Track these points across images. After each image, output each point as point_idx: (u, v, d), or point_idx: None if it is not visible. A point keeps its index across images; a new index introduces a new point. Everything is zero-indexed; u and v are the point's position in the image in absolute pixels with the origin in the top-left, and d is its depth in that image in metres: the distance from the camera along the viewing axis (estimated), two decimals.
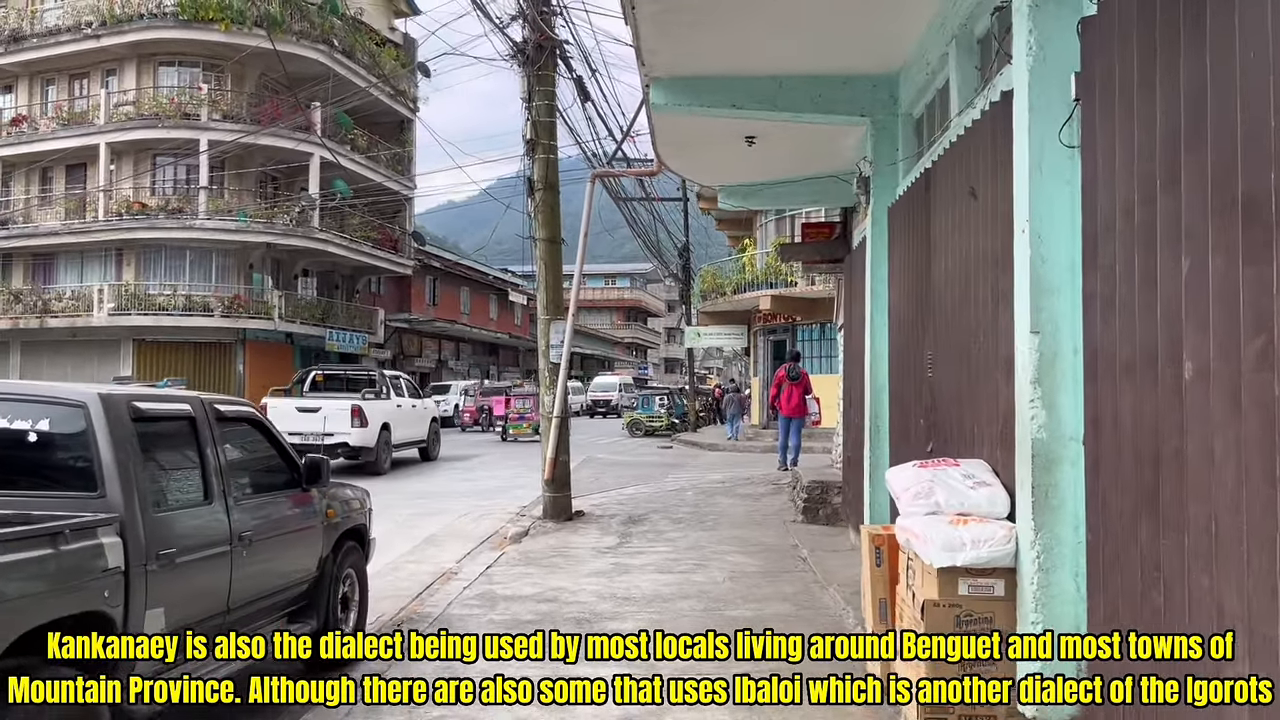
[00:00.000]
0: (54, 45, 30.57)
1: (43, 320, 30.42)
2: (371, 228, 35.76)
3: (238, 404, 5.19)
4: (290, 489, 5.36)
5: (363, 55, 33.81)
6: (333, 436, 16.88)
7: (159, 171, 31.21)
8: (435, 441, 22.02)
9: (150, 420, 4.23)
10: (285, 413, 17.59)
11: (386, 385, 19.95)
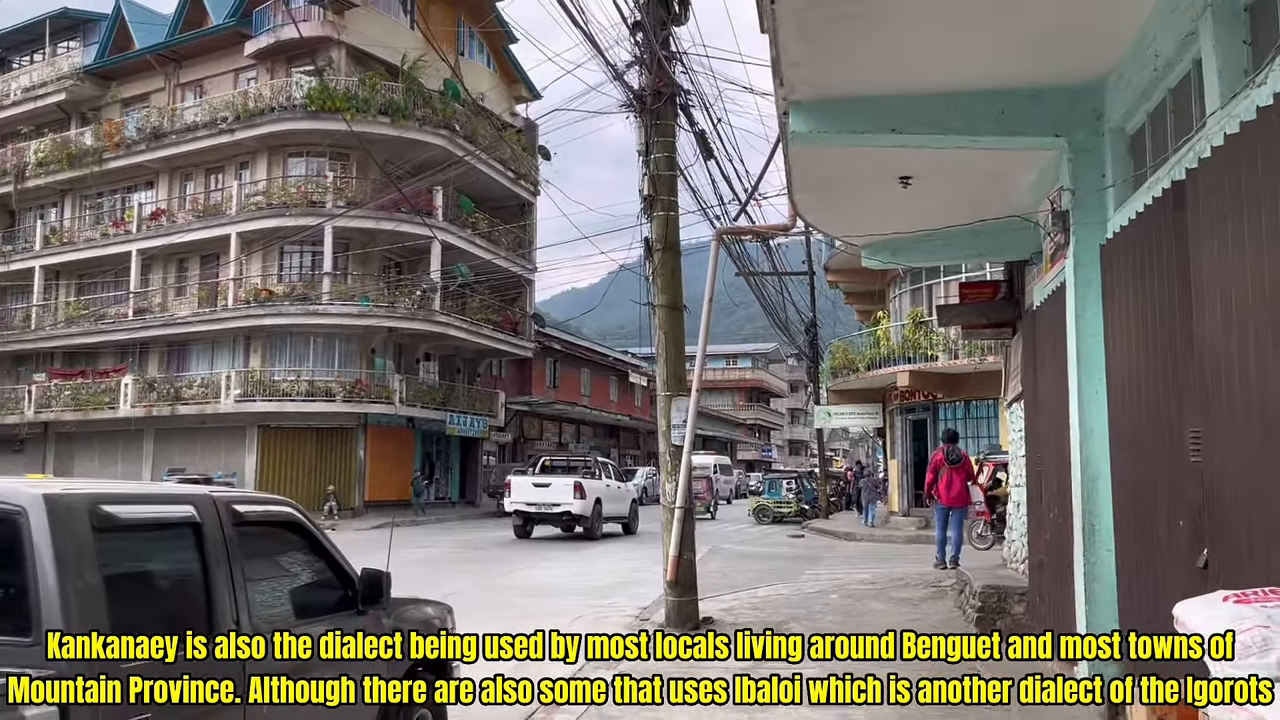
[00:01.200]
0: (191, 141, 31.61)
1: (174, 408, 30.87)
2: (492, 310, 35.52)
3: (268, 503, 4.01)
4: (340, 612, 4.13)
5: (484, 140, 33.95)
6: (559, 506, 22.09)
7: (286, 259, 31.67)
8: (634, 518, 25.46)
9: (125, 530, 3.08)
10: (523, 487, 22.84)
11: (598, 468, 24.54)
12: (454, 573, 15.55)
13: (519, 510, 22.59)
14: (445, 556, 18.52)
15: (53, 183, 34.81)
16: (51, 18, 36.08)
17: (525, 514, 22.53)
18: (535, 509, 22.27)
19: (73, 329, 33.43)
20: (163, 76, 34.01)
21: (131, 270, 32.56)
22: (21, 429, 34.43)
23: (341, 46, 30.90)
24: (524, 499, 22.50)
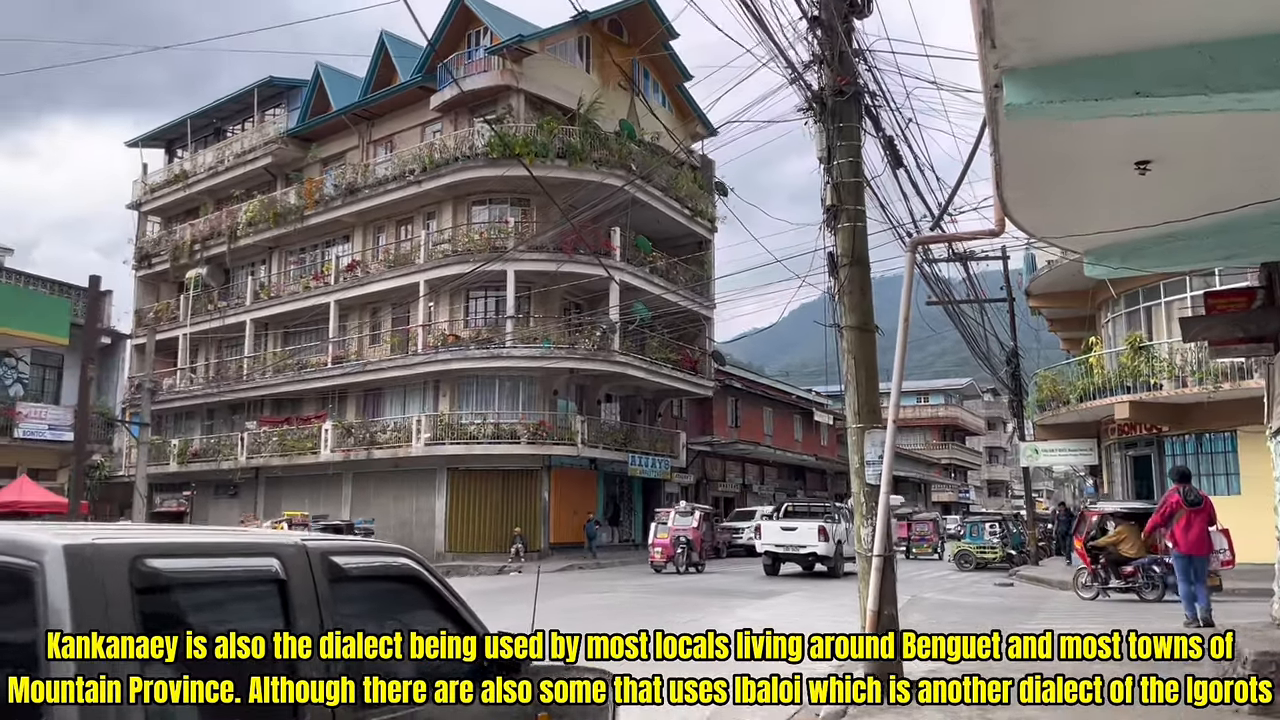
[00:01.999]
0: (382, 194, 32.90)
1: (369, 451, 31.86)
2: (671, 349, 35.06)
3: (380, 553, 3.33)
4: (467, 680, 3.40)
5: (660, 179, 33.76)
6: (805, 548, 24.35)
7: (471, 304, 32.31)
8: None
9: (180, 589, 2.43)
10: (773, 530, 25.33)
11: (837, 512, 25.82)
12: (633, 620, 14.82)
13: (769, 550, 25.16)
14: (626, 602, 17.85)
15: (261, 241, 37.06)
16: (259, 87, 38.65)
17: (774, 554, 25.08)
18: (783, 550, 24.82)
19: (279, 378, 35.22)
20: (356, 135, 35.72)
21: (330, 320, 34.06)
22: (236, 473, 36.44)
23: (520, 94, 31.49)
24: (773, 541, 25.14)
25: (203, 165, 40.18)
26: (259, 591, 2.70)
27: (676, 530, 26.09)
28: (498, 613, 16.30)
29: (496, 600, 18.14)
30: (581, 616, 15.21)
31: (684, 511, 26.94)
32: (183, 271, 39.52)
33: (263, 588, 2.71)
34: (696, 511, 26.98)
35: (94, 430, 28.97)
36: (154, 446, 38.97)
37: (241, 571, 2.67)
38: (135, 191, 43.26)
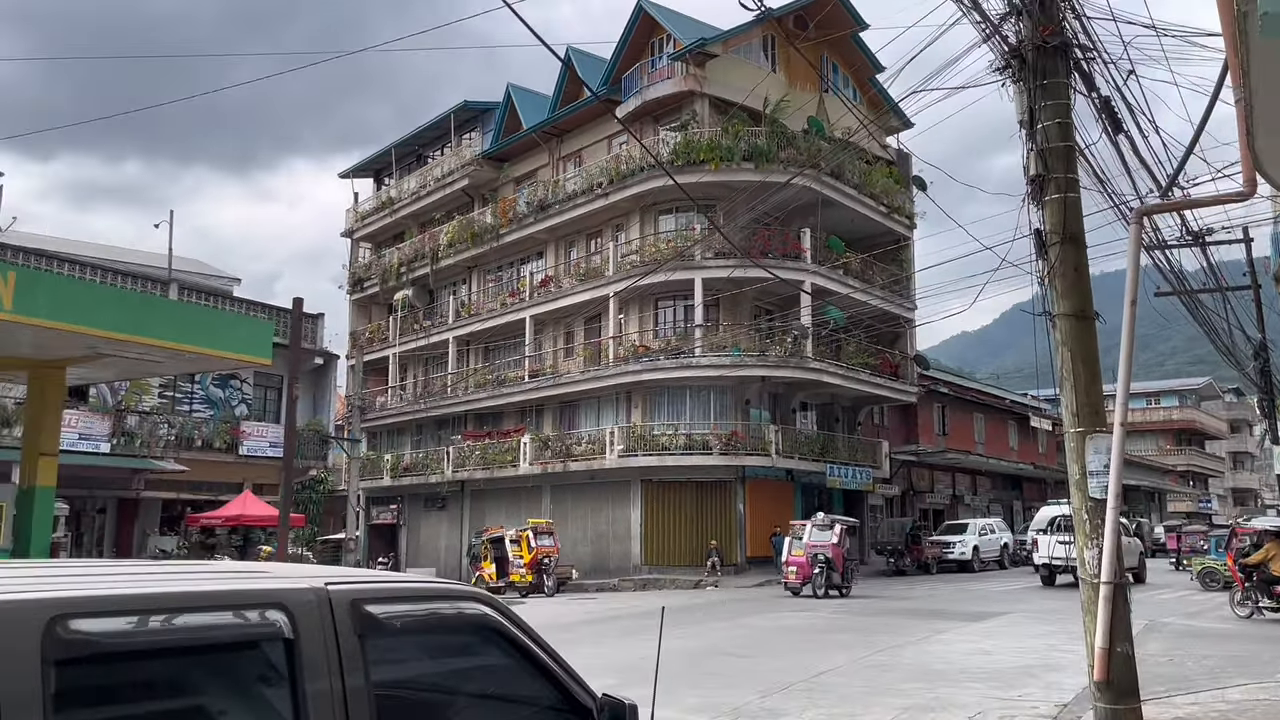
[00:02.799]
0: (572, 209, 33.15)
1: (565, 464, 32.05)
2: (869, 354, 33.48)
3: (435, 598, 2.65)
4: None
5: (852, 175, 32.36)
6: None
7: (660, 314, 32.00)
8: (1142, 568, 27.67)
9: (120, 660, 1.84)
10: (1048, 543, 25.80)
11: None
12: (828, 645, 13.79)
13: (1045, 564, 25.83)
14: (821, 624, 16.78)
15: (460, 260, 38.21)
16: (455, 112, 39.98)
17: (1050, 567, 25.64)
18: (1060, 562, 24.90)
19: (479, 393, 36.11)
20: (546, 152, 36.25)
21: (525, 335, 34.62)
22: (443, 486, 37.62)
23: (704, 98, 30.97)
24: (1049, 554, 25.57)
25: (406, 191, 41.96)
26: (253, 658, 2.09)
27: (814, 546, 23.17)
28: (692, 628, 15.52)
29: (695, 616, 17.50)
30: (780, 640, 14.33)
31: (822, 525, 23.93)
32: (391, 294, 41.36)
33: (260, 653, 2.09)
34: (836, 525, 23.92)
35: (309, 447, 30.59)
36: (369, 461, 41.00)
37: (227, 632, 2.06)
38: (348, 220, 45.74)
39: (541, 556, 26.73)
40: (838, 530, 23.47)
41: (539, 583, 26.42)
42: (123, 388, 25.97)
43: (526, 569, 26.53)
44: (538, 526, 27.97)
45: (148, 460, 25.14)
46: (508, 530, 28.53)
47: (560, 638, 13.33)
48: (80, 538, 25.98)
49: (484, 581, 26.88)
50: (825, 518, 24.36)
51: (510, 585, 26.37)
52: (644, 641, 14.34)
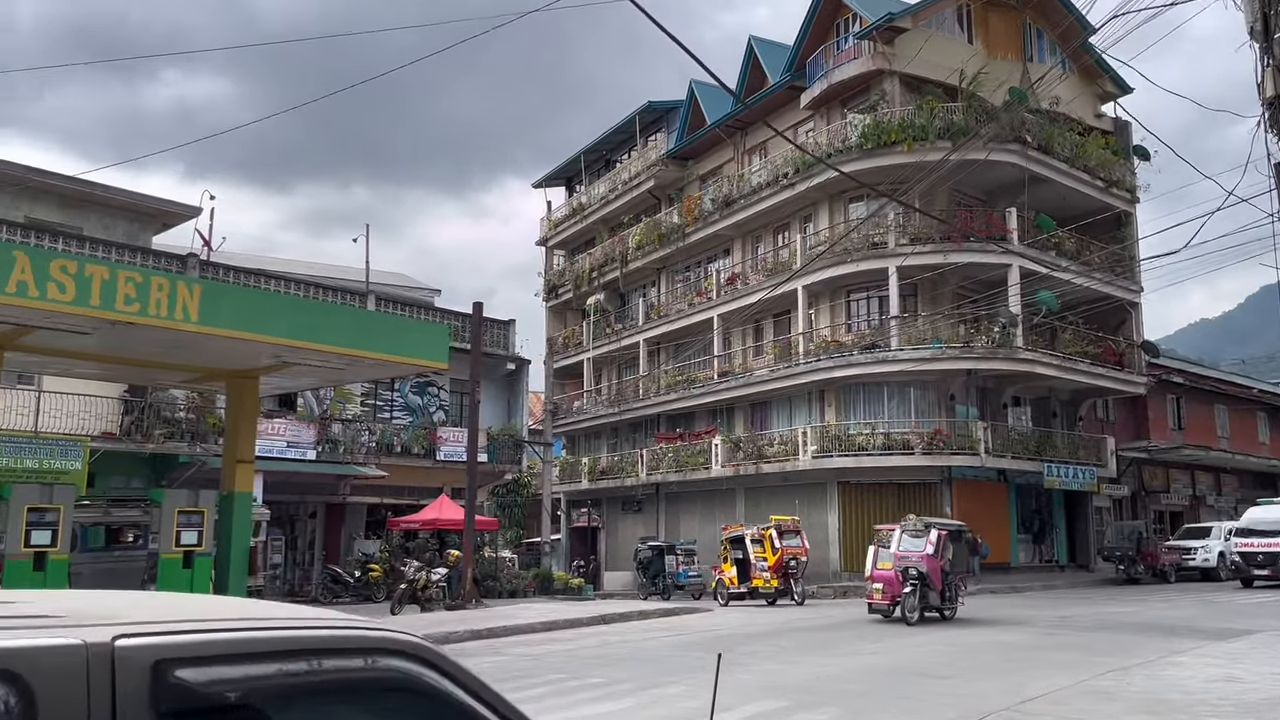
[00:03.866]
0: (757, 203, 32.14)
1: (758, 466, 31.05)
2: (1087, 342, 30.59)
3: (343, 650, 1.83)
4: None
5: (1063, 149, 29.69)
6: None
7: (852, 306, 30.47)
8: None
9: None
10: None
11: None
12: (1043, 664, 12.19)
13: None
14: (1036, 640, 15.03)
15: (649, 263, 37.94)
16: (640, 114, 39.80)
17: None
18: None
19: (670, 395, 35.65)
20: (731, 147, 35.42)
21: (714, 335, 33.88)
22: (638, 490, 37.44)
23: (893, 77, 29.24)
24: None
25: (595, 196, 42.18)
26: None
27: (903, 558, 18.13)
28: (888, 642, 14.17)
29: (891, 629, 16.17)
30: (989, 657, 12.82)
31: (914, 530, 18.76)
32: (583, 299, 41.69)
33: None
34: (932, 530, 18.49)
35: (504, 451, 31.05)
36: (567, 465, 41.44)
37: None
38: (542, 229, 46.54)
39: (788, 558, 23.76)
40: (934, 537, 18.28)
41: (785, 588, 23.57)
42: (328, 397, 27.15)
43: (771, 573, 23.59)
44: (782, 524, 24.76)
45: (350, 466, 26.12)
46: (748, 528, 26.02)
47: (738, 650, 12.40)
48: (295, 540, 27.36)
49: (725, 586, 25.05)
50: (918, 521, 19.31)
51: (753, 591, 24.08)
52: (831, 657, 13.22)
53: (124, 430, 22.15)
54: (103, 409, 21.78)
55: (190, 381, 18.26)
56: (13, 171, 22.36)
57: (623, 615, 19.07)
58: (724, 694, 9.94)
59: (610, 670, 12.01)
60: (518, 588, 27.11)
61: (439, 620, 17.54)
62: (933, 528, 18.49)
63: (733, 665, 12.13)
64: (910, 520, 19.21)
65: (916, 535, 18.45)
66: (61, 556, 14.76)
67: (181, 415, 22.55)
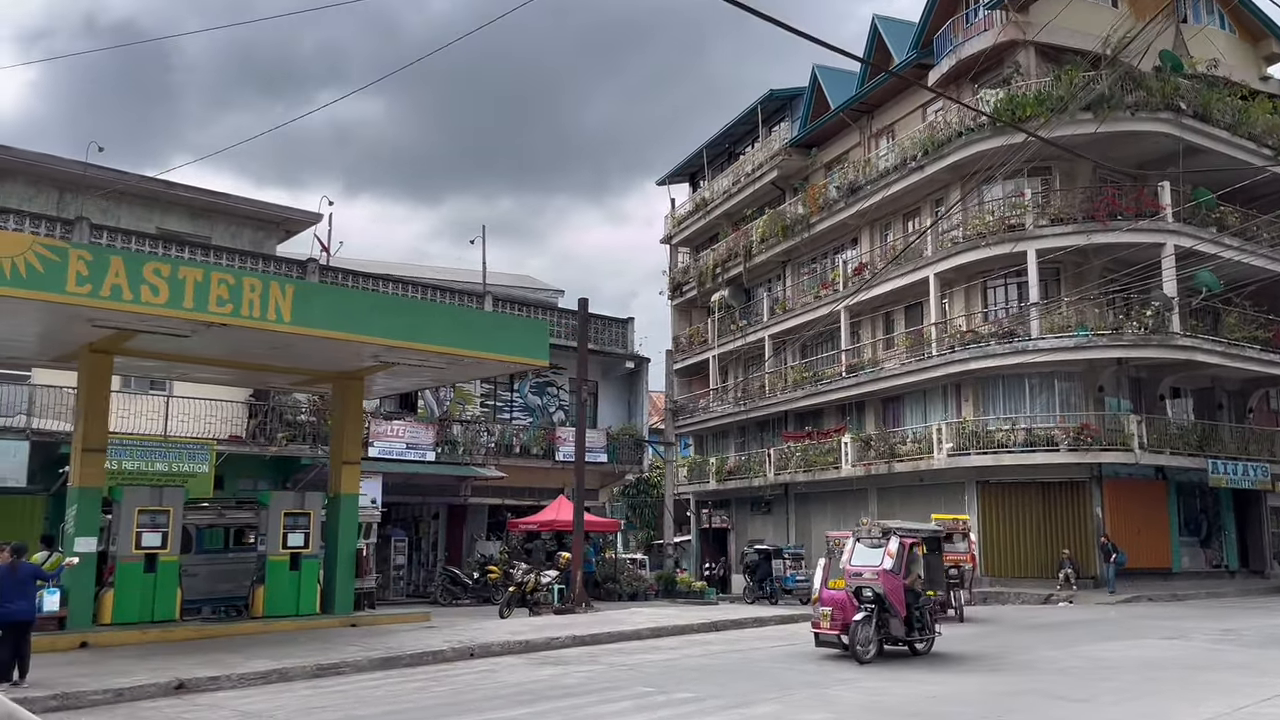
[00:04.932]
0: (884, 188, 30.64)
1: (890, 465, 29.57)
2: (1256, 325, 27.83)
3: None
4: None
5: (1223, 115, 27.12)
6: None
7: (989, 294, 28.63)
8: None
9: None
10: None
11: None
12: (1200, 685, 10.74)
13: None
14: (1195, 654, 13.41)
15: (773, 256, 36.80)
16: (761, 103, 38.71)
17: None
18: None
19: (797, 392, 34.45)
20: (857, 132, 34.00)
21: (841, 328, 32.53)
22: (766, 490, 36.40)
23: (1029, 47, 27.36)
24: None
25: (719, 190, 41.31)
26: None
27: (856, 573, 13.77)
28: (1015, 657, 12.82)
29: (1023, 641, 14.74)
30: (1134, 675, 11.37)
31: (870, 539, 14.27)
32: (708, 295, 40.90)
33: None
34: (892, 538, 14.02)
35: (625, 451, 30.58)
36: (695, 465, 40.74)
37: None
38: (666, 226, 45.96)
39: (948, 566, 18.03)
40: (893, 547, 13.86)
41: (946, 599, 17.38)
42: (447, 398, 27.26)
43: None
44: (943, 525, 19.14)
45: (470, 467, 26.10)
46: None
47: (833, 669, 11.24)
48: (419, 541, 27.58)
49: None
50: (874, 526, 14.67)
51: None
52: (962, 676, 12.05)
53: (249, 434, 22.70)
54: (229, 413, 22.36)
55: (300, 384, 18.45)
56: (145, 184, 23.22)
57: (736, 622, 18.20)
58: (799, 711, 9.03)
59: (703, 684, 11.23)
60: (638, 590, 26.53)
61: (544, 624, 17.10)
62: (894, 534, 14.10)
63: (834, 683, 11.16)
64: (864, 525, 14.91)
65: (873, 545, 14.18)
66: (171, 558, 15.00)
67: (303, 418, 22.92)
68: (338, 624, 15.95)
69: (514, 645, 14.47)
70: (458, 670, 12.63)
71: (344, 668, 12.38)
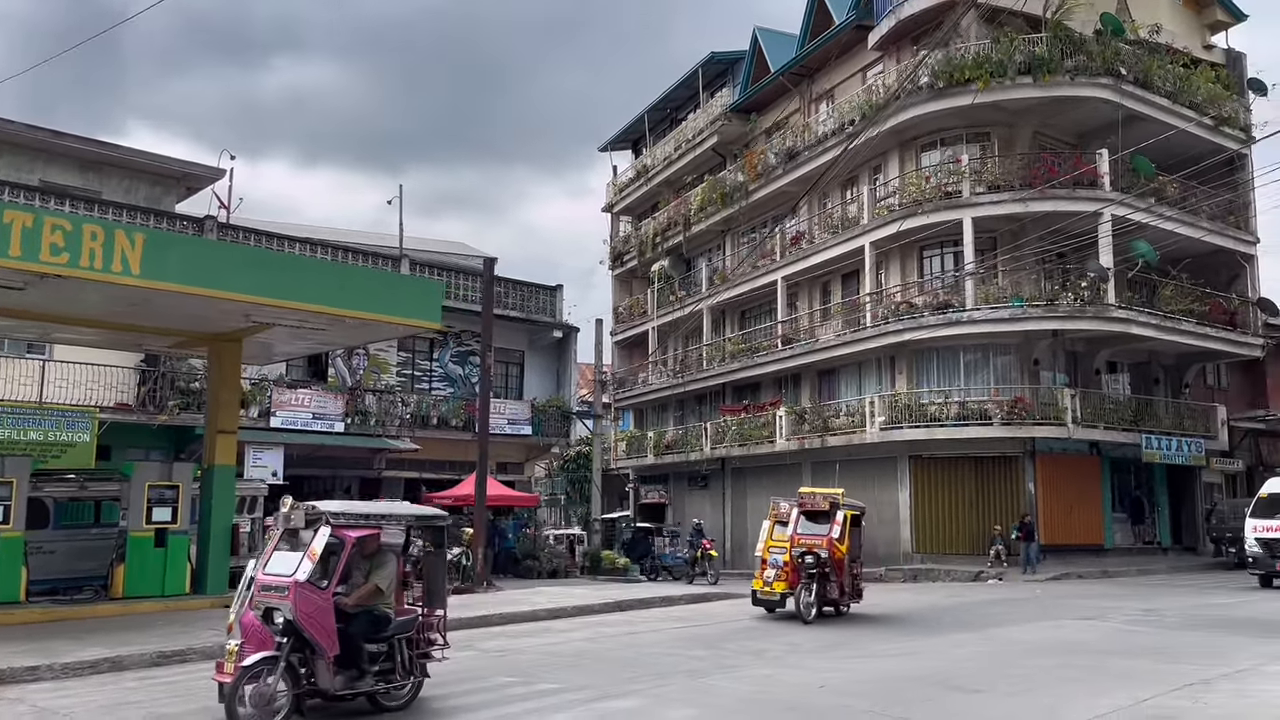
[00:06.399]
0: (822, 154, 29.70)
1: (823, 439, 28.82)
2: (1192, 299, 27.35)
3: None
4: None
5: (1164, 83, 26.47)
6: None
7: (925, 264, 27.87)
8: None
9: None
10: None
11: None
12: (1105, 674, 9.95)
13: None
14: (1107, 639, 12.68)
15: (712, 225, 35.81)
16: (703, 66, 37.55)
17: None
18: None
19: (734, 364, 33.59)
20: (797, 96, 33.00)
21: (778, 299, 31.67)
22: (703, 465, 35.58)
23: (969, 8, 26.42)
24: None
25: (660, 157, 40.15)
26: None
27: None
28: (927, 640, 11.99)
29: (940, 624, 13.94)
30: (1042, 662, 10.54)
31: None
32: (648, 265, 39.84)
33: None
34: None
35: (551, 424, 29.52)
36: (633, 439, 39.82)
37: None
38: (607, 194, 44.76)
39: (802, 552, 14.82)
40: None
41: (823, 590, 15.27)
42: (361, 367, 25.99)
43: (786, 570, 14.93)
44: (806, 498, 15.98)
45: (383, 439, 24.91)
46: None
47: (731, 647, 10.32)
48: None
49: None
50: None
51: None
52: (860, 663, 11.20)
53: (139, 401, 21.30)
54: (116, 379, 20.96)
55: (176, 347, 17.13)
56: (25, 133, 21.62)
57: (642, 601, 17.30)
58: None
59: (574, 673, 10.27)
60: (559, 567, 25.61)
61: None
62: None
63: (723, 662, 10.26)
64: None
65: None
66: (14, 534, 13.71)
67: (198, 385, 21.54)
68: (208, 605, 14.78)
69: None
70: None
71: (190, 655, 11.27)
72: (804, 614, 14.25)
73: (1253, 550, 20.10)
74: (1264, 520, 19.95)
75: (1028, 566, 23.94)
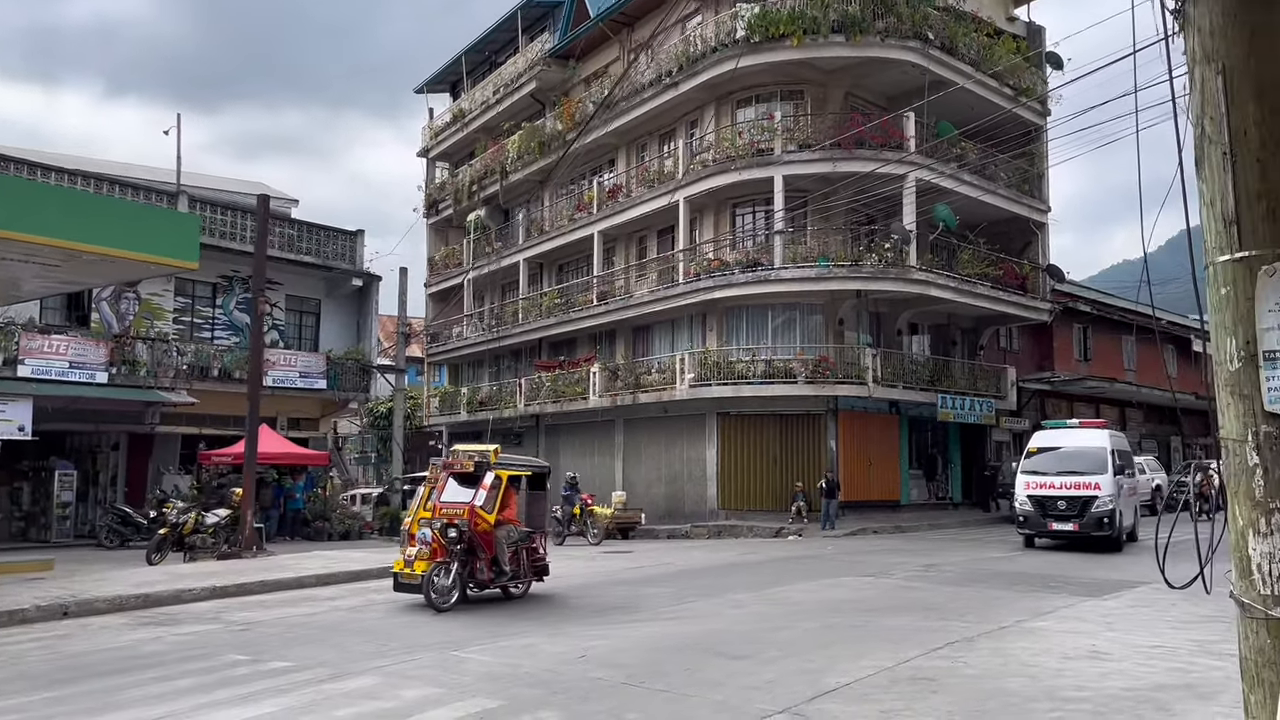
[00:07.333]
0: (639, 105, 29.06)
1: (635, 396, 28.47)
2: (987, 263, 28.34)
3: None
4: None
5: (968, 50, 27.05)
6: None
7: (736, 220, 27.74)
8: None
9: None
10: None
11: None
12: (874, 635, 9.74)
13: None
14: (885, 596, 12.66)
15: (530, 175, 34.66)
16: (521, 9, 36.14)
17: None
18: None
19: (549, 320, 32.79)
20: (618, 45, 32.14)
21: (594, 253, 30.98)
22: (517, 422, 34.73)
23: None
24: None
25: (478, 101, 38.58)
26: None
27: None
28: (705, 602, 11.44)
29: (725, 582, 13.62)
30: (814, 622, 10.26)
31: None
32: (464, 215, 38.36)
33: None
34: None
35: (348, 377, 27.94)
36: (447, 395, 38.51)
37: None
38: (423, 138, 42.82)
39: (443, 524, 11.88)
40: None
41: None
42: (130, 312, 23.68)
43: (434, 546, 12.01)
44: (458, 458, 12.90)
45: (154, 391, 22.81)
46: None
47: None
48: (96, 476, 24.06)
49: None
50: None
51: None
52: (629, 628, 10.64)
53: None
54: None
55: None
56: None
57: None
58: None
59: (316, 649, 9.28)
60: (351, 529, 24.29)
61: (191, 573, 14.64)
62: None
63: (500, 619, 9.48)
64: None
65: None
66: None
67: None
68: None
69: (129, 600, 12.02)
70: (30, 634, 10.15)
71: None
72: (435, 602, 11.27)
73: (1023, 509, 19.02)
74: (1035, 476, 19.05)
75: (827, 522, 24.28)
